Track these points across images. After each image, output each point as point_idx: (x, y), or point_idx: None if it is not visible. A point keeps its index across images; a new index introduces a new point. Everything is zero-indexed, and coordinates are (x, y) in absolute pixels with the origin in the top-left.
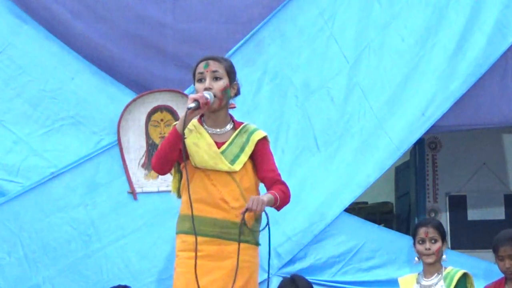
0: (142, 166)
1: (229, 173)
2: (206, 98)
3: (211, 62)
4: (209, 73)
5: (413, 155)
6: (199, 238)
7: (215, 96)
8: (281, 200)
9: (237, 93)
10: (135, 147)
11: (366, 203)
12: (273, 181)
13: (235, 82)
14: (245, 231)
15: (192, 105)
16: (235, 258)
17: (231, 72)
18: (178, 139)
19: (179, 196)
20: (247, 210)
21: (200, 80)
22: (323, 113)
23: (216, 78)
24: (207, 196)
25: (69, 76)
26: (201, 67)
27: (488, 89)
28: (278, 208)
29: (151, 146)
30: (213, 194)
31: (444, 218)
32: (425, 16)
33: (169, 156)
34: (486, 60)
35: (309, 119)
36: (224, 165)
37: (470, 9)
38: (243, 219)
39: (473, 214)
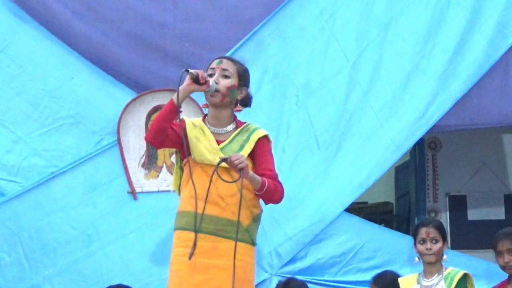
0: (142, 165)
1: (227, 169)
2: (206, 77)
3: (224, 60)
4: (220, 70)
5: (413, 155)
6: (193, 234)
7: (218, 90)
8: (269, 190)
9: (247, 103)
10: (135, 146)
11: (366, 203)
12: (270, 179)
13: (244, 88)
14: (240, 229)
15: (192, 71)
16: (230, 256)
17: (242, 76)
18: (173, 110)
19: (180, 193)
20: (225, 160)
21: (210, 75)
22: (324, 112)
23: (225, 76)
24: (204, 192)
25: (69, 75)
26: (214, 63)
27: (488, 89)
28: (264, 198)
29: (151, 145)
30: (211, 191)
31: (444, 218)
32: (425, 16)
33: (162, 127)
34: (486, 61)
35: (309, 118)
36: None
37: (470, 9)
38: (219, 164)
39: (473, 214)
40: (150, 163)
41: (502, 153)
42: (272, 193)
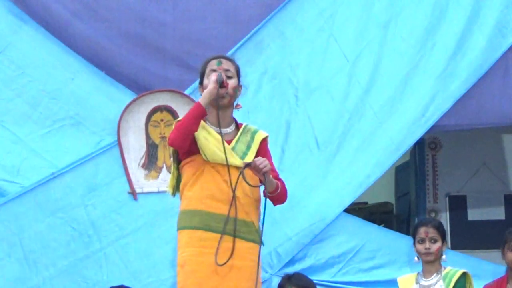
0: (142, 166)
1: (238, 169)
2: (227, 81)
3: (223, 61)
4: (222, 71)
5: (413, 155)
6: (208, 234)
7: (227, 92)
8: (280, 192)
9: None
10: (135, 147)
11: (366, 203)
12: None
13: (240, 84)
14: (252, 229)
15: (220, 75)
16: (245, 257)
17: (239, 74)
18: (202, 113)
19: (174, 194)
20: (249, 164)
21: None
22: (323, 112)
23: (229, 77)
24: (218, 192)
25: (69, 76)
26: (213, 64)
27: (488, 88)
28: (274, 199)
29: (151, 146)
30: (225, 190)
31: (444, 218)
32: (425, 15)
33: (191, 130)
34: (486, 60)
35: (309, 118)
36: (236, 160)
37: (470, 9)
38: (243, 169)
39: (473, 214)
40: (150, 163)
41: (502, 153)
42: (282, 194)
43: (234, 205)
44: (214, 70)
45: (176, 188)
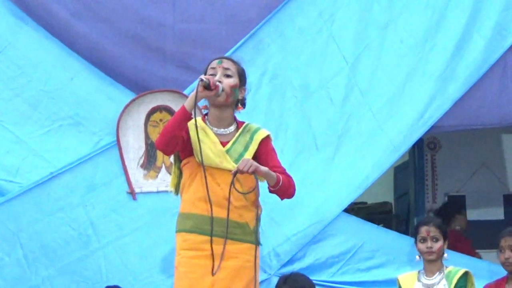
0: (141, 166)
1: (236, 177)
2: (216, 83)
3: (224, 60)
4: (221, 69)
5: (412, 155)
6: (202, 237)
7: (223, 90)
8: (284, 185)
9: (243, 103)
10: (134, 147)
11: (365, 203)
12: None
13: (243, 87)
14: (247, 231)
15: (204, 78)
16: (239, 258)
17: (242, 76)
18: (186, 117)
19: (177, 193)
20: (237, 171)
21: (212, 75)
22: (322, 113)
23: (227, 76)
24: (211, 194)
25: (68, 76)
26: (214, 63)
27: (487, 89)
28: (279, 193)
29: (150, 146)
30: (217, 193)
31: None
32: (424, 17)
33: (174, 134)
34: (484, 62)
35: (308, 119)
36: (229, 164)
37: (469, 10)
38: (233, 178)
39: (472, 214)
40: (149, 163)
41: (501, 153)
42: (287, 187)
43: (227, 208)
44: (213, 68)
45: (178, 186)
